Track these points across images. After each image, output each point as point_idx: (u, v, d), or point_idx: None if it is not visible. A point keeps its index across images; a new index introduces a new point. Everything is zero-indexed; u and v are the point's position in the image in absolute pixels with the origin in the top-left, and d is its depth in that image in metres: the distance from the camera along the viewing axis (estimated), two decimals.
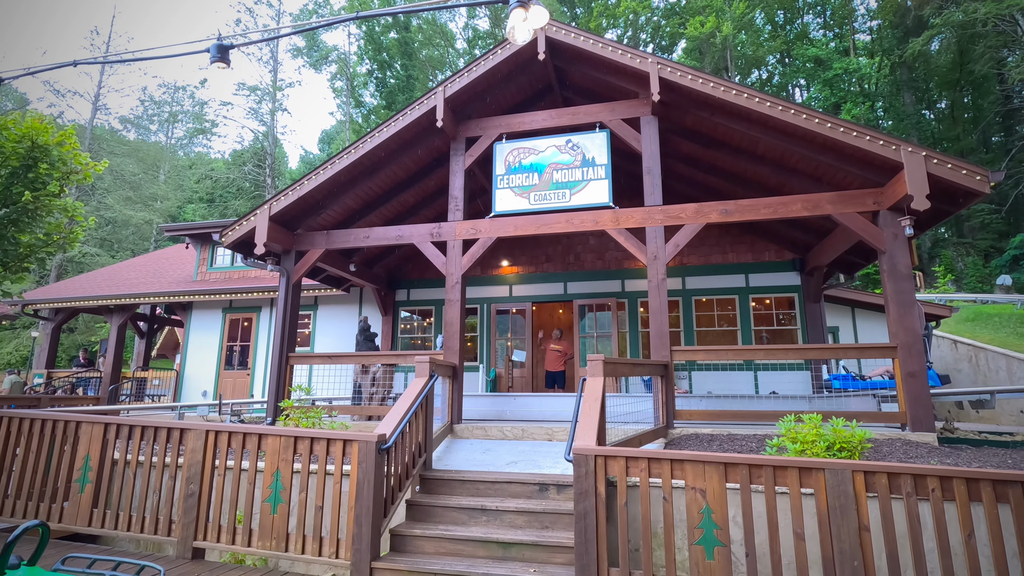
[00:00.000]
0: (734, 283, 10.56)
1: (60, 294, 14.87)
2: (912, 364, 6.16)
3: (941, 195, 6.31)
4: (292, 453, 4.40)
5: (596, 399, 4.50)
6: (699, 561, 3.56)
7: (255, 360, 13.29)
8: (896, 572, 3.30)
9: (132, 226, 35.00)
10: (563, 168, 7.85)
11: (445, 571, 3.96)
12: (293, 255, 8.49)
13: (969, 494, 3.30)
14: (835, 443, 4.80)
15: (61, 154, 6.23)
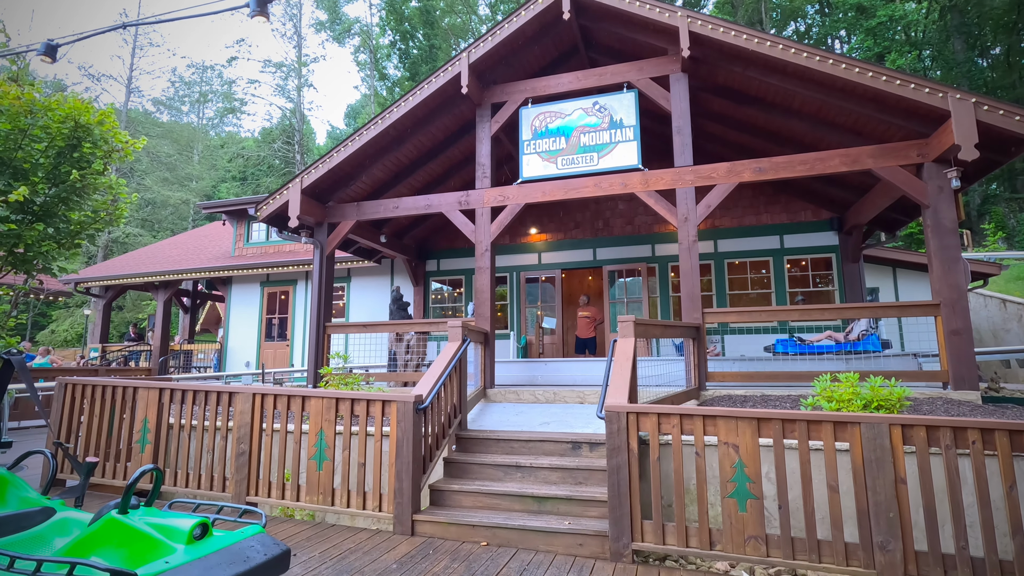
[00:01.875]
0: (768, 245, 10.33)
1: (108, 272, 15.57)
2: (956, 322, 5.97)
3: (991, 144, 6.00)
4: (334, 414, 4.60)
5: (627, 359, 4.54)
6: (732, 514, 3.61)
7: (293, 331, 13.73)
8: (933, 524, 3.30)
9: (170, 206, 36.10)
10: (590, 131, 7.73)
11: (483, 523, 4.12)
12: (325, 227, 8.66)
13: (1012, 446, 3.24)
14: (872, 401, 4.74)
15: (102, 133, 6.45)
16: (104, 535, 1.60)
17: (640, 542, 3.76)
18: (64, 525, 1.88)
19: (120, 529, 1.60)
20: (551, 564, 3.70)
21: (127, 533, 1.59)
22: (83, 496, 2.10)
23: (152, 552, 1.54)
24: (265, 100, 50.40)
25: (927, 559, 3.27)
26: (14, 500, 1.98)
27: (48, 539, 1.81)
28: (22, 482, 2.06)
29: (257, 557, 1.59)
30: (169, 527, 1.62)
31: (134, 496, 1.82)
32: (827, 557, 3.43)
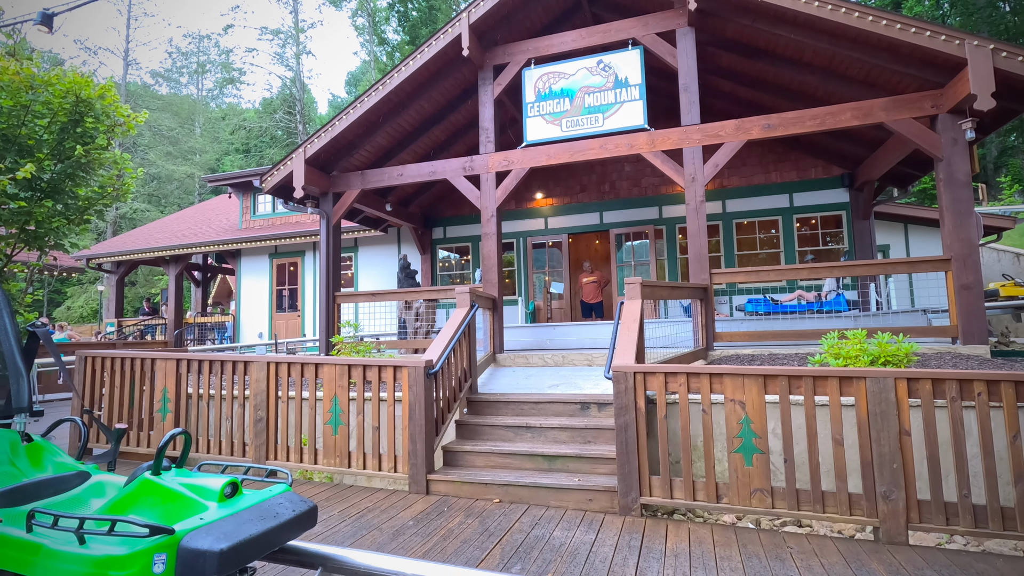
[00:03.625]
0: (777, 203, 10.20)
1: (118, 248, 15.71)
2: (966, 276, 5.93)
3: (1008, 93, 5.82)
4: (347, 380, 4.70)
5: (634, 320, 4.57)
6: (738, 468, 3.70)
7: (304, 302, 13.88)
8: (936, 474, 3.36)
9: (176, 180, 36.07)
10: (595, 91, 7.57)
11: (495, 481, 4.25)
12: (331, 197, 8.65)
13: (1017, 396, 3.27)
14: (880, 357, 4.76)
15: (104, 107, 6.41)
16: (139, 495, 1.66)
17: (648, 497, 3.87)
18: (100, 488, 1.94)
19: (154, 489, 1.66)
20: (562, 519, 3.83)
21: (161, 493, 1.64)
22: (115, 461, 2.16)
23: (186, 510, 1.59)
24: (264, 69, 49.64)
25: (929, 507, 3.34)
26: (50, 465, 2.04)
27: (85, 500, 1.87)
28: (57, 448, 2.12)
29: (286, 513, 1.65)
30: (201, 486, 1.67)
31: (164, 460, 1.89)
32: (831, 507, 3.52)
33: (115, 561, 1.35)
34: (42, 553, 1.43)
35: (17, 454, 2.03)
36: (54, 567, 1.40)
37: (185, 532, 1.42)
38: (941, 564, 3.05)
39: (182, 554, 1.39)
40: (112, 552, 1.36)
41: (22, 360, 2.18)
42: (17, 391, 2.16)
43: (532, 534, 3.53)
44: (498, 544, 3.36)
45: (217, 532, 1.44)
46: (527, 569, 3.00)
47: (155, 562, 1.36)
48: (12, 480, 1.92)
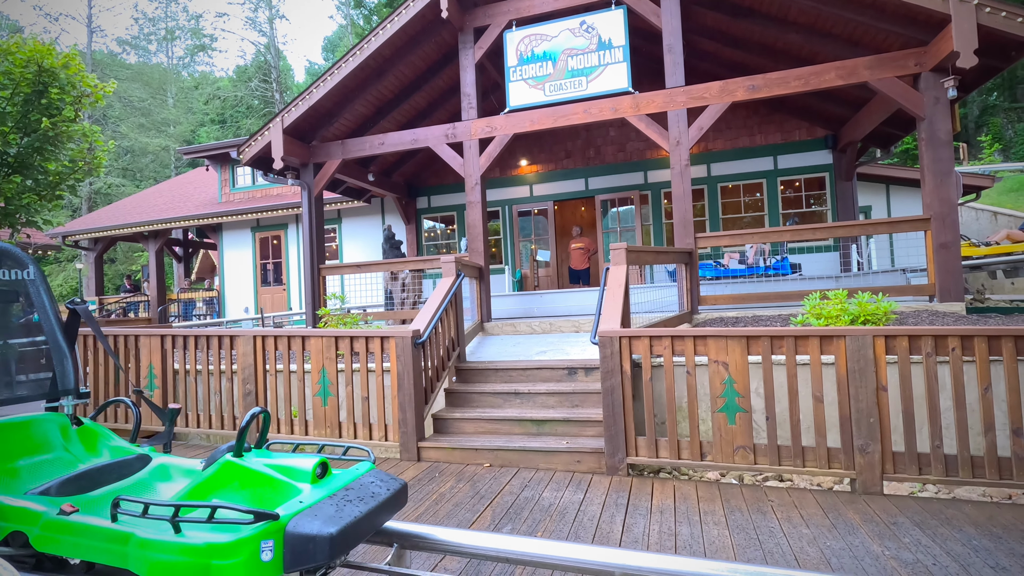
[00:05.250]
0: (762, 166, 10.20)
1: (95, 224, 15.34)
2: (945, 235, 6.02)
3: (991, 50, 5.81)
4: (335, 352, 4.70)
5: (620, 285, 4.60)
6: (721, 426, 3.80)
7: (289, 275, 13.75)
8: (911, 427, 3.48)
9: (150, 154, 35.05)
10: (578, 53, 7.42)
11: (485, 446, 4.33)
12: (311, 168, 8.48)
13: (989, 350, 3.37)
14: (860, 316, 4.86)
15: (69, 77, 6.17)
16: (222, 480, 1.54)
17: (635, 457, 3.97)
18: (164, 471, 1.83)
19: (239, 472, 1.54)
20: (551, 480, 3.92)
21: (248, 476, 1.53)
22: (170, 443, 2.04)
23: (278, 493, 1.47)
24: (236, 35, 47.90)
25: (903, 458, 3.47)
26: (106, 449, 1.94)
27: (151, 485, 1.76)
28: (109, 431, 2.02)
29: (382, 492, 1.54)
30: (290, 467, 1.55)
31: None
32: (811, 462, 3.64)
33: (219, 549, 1.25)
34: (132, 543, 1.33)
35: (70, 439, 1.92)
36: (148, 557, 1.30)
37: (290, 516, 1.32)
38: (913, 511, 3.19)
39: (289, 540, 1.30)
40: (215, 540, 1.27)
41: (64, 340, 2.06)
42: (62, 372, 2.04)
43: (522, 496, 3.62)
44: (489, 506, 3.44)
45: (322, 515, 1.33)
46: (517, 529, 3.08)
47: (262, 549, 1.27)
48: (69, 467, 1.82)
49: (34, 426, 1.89)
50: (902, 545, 2.76)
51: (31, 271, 2.03)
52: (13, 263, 1.98)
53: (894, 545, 2.76)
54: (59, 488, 1.60)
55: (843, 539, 2.85)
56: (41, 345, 2.03)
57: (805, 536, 2.90)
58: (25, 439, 1.84)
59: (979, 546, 2.73)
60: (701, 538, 2.92)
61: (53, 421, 1.93)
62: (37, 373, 2.01)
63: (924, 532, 2.90)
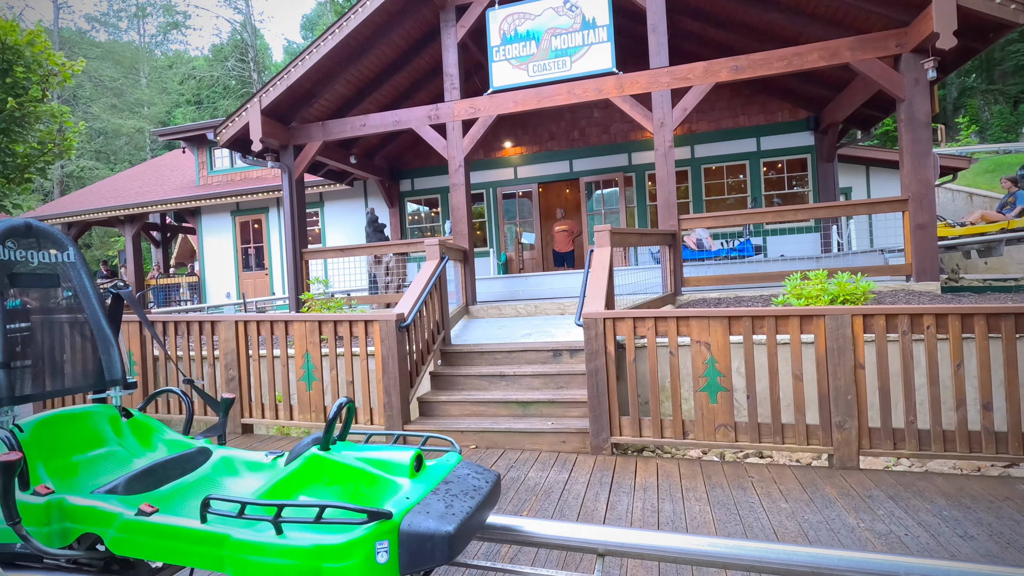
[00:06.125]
0: (745, 148, 10.24)
1: (68, 208, 14.93)
2: (922, 216, 6.12)
3: (970, 31, 5.86)
4: (318, 336, 4.67)
5: (604, 267, 4.62)
6: (703, 405, 3.86)
7: (271, 260, 13.57)
8: (887, 404, 3.57)
9: (124, 135, 34.09)
10: (562, 33, 7.33)
11: (471, 428, 4.35)
12: (291, 150, 8.32)
13: (963, 328, 3.46)
14: (839, 296, 4.95)
15: (35, 55, 5.93)
16: (309, 475, 1.42)
17: (619, 436, 4.02)
18: (229, 465, 1.70)
19: (328, 467, 1.42)
20: (536, 460, 3.97)
21: (338, 471, 1.42)
22: (224, 434, 1.92)
23: (373, 489, 1.37)
24: (211, 12, 46.45)
25: (879, 434, 3.57)
26: (161, 443, 1.82)
27: (218, 481, 1.63)
28: (161, 424, 1.90)
29: (483, 485, 1.43)
30: (385, 461, 1.44)
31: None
32: (790, 438, 3.73)
33: (330, 552, 1.15)
34: (229, 545, 1.22)
35: (121, 432, 1.80)
36: (249, 561, 1.20)
37: (402, 514, 1.22)
38: (887, 484, 3.28)
39: (405, 540, 1.19)
40: (324, 541, 1.16)
41: (109, 326, 1.92)
42: (109, 361, 1.89)
43: (508, 476, 3.65)
44: None
45: (434, 512, 1.24)
46: (503, 509, 3.12)
47: (377, 551, 1.17)
48: (124, 462, 1.70)
49: (86, 419, 1.76)
50: (876, 517, 2.85)
51: (71, 253, 1.88)
52: (52, 245, 1.83)
53: (869, 517, 2.85)
54: (127, 486, 1.48)
55: (820, 513, 2.93)
56: (85, 332, 1.88)
57: (784, 510, 2.98)
58: (79, 433, 1.71)
59: (949, 516, 2.82)
60: (683, 514, 2.98)
61: (103, 414, 1.80)
62: (83, 363, 1.87)
63: (897, 504, 2.99)
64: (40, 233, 1.79)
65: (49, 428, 1.65)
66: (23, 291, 1.70)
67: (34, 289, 1.76)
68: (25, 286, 1.72)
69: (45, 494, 1.38)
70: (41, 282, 1.78)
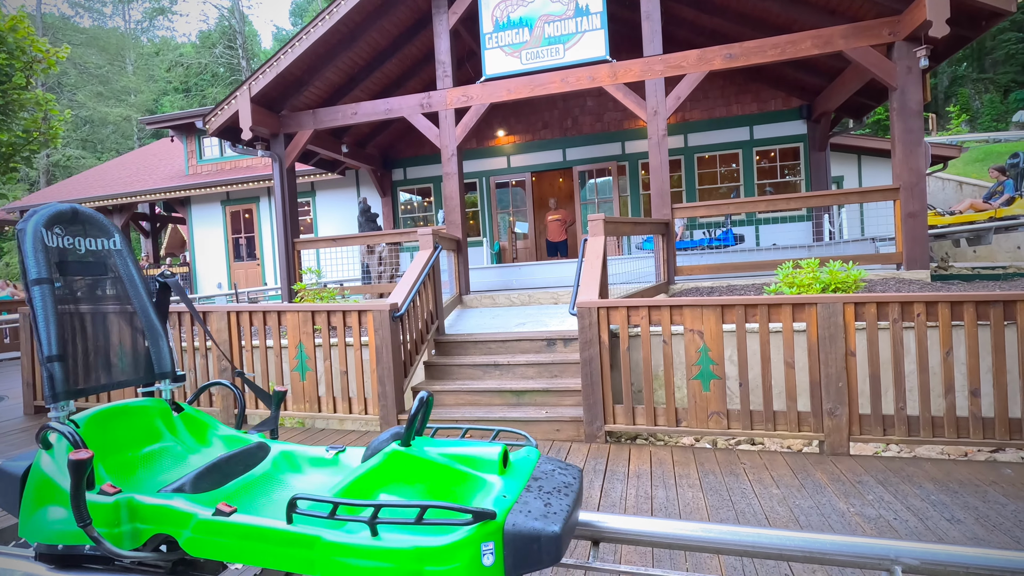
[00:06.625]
0: (738, 136, 10.24)
1: (54, 198, 14.72)
2: (913, 204, 6.16)
3: (962, 19, 5.86)
4: (312, 326, 4.65)
5: (597, 256, 4.62)
6: (696, 393, 3.89)
7: (262, 250, 13.47)
8: (877, 391, 3.61)
9: (111, 124, 33.59)
10: (555, 19, 7.26)
11: (466, 417, 4.36)
12: (282, 138, 8.23)
13: (952, 315, 3.50)
14: (830, 284, 4.98)
15: (17, 41, 5.81)
16: (390, 472, 1.35)
17: (612, 424, 4.05)
18: (291, 461, 1.63)
19: (411, 464, 1.35)
20: None
21: (422, 468, 1.35)
22: (276, 428, 1.85)
23: (462, 486, 1.30)
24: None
25: (869, 420, 3.62)
26: (215, 438, 1.76)
27: (277, 478, 1.56)
28: (213, 418, 1.82)
29: (572, 481, 1.36)
30: (472, 456, 1.38)
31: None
32: (781, 425, 3.77)
33: (433, 554, 1.10)
34: (320, 547, 1.16)
35: (174, 427, 1.72)
36: (344, 564, 1.14)
37: (504, 514, 1.15)
38: (877, 469, 3.33)
39: (510, 541, 1.13)
40: (426, 543, 1.11)
41: (157, 317, 1.83)
42: (158, 353, 1.81)
43: None
44: None
45: (535, 511, 1.18)
46: None
47: (483, 553, 1.11)
48: (180, 459, 1.63)
49: (140, 413, 1.68)
50: (866, 502, 2.89)
51: (116, 240, 1.79)
52: (98, 231, 1.74)
53: (859, 502, 2.89)
54: (194, 483, 1.40)
55: (811, 498, 2.97)
56: (135, 323, 1.79)
57: (775, 496, 3.01)
58: (134, 428, 1.64)
59: (937, 501, 2.87)
60: (676, 500, 3.01)
61: (154, 408, 1.71)
62: (132, 355, 1.78)
63: (887, 489, 3.04)
64: (86, 219, 1.70)
65: (104, 423, 1.57)
66: (71, 280, 1.61)
67: (82, 278, 1.67)
68: (73, 274, 1.63)
69: (113, 493, 1.31)
70: (88, 270, 1.69)
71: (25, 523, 1.40)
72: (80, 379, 1.57)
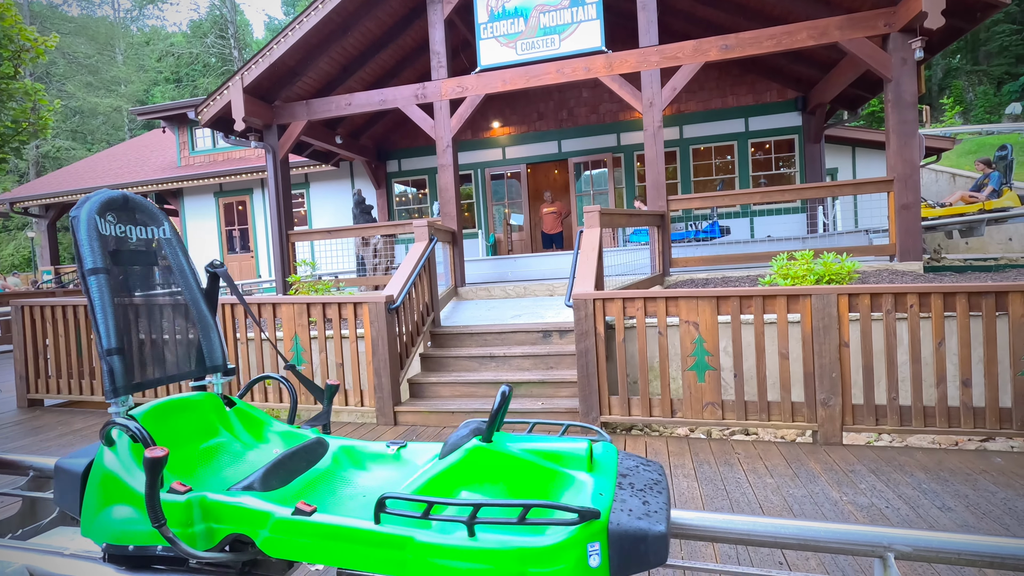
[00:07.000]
0: (733, 128, 10.23)
1: (44, 190, 14.57)
2: (907, 196, 6.19)
3: (958, 10, 5.86)
4: (307, 318, 4.64)
5: (593, 248, 4.62)
6: (691, 384, 3.91)
7: (256, 242, 13.40)
8: (870, 381, 3.64)
9: (101, 115, 33.20)
10: (550, 9, 7.21)
11: (462, 409, 4.37)
12: (275, 129, 8.16)
13: (945, 307, 3.52)
14: (824, 276, 5.00)
15: (4, 29, 5.72)
16: (472, 469, 1.29)
17: (608, 415, 4.07)
18: (352, 457, 1.56)
19: (494, 460, 1.29)
20: None
21: (506, 464, 1.28)
22: (329, 423, 1.80)
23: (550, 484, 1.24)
24: None
25: (862, 410, 3.65)
26: (272, 434, 1.69)
27: (340, 475, 1.49)
28: (265, 413, 1.77)
29: (659, 478, 1.29)
30: (558, 452, 1.32)
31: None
32: (776, 416, 3.80)
33: (537, 555, 1.05)
34: (413, 548, 1.12)
35: (228, 422, 1.67)
36: (440, 566, 1.10)
37: (607, 513, 1.11)
38: (869, 459, 3.37)
39: (616, 541, 1.08)
40: (528, 544, 1.06)
41: (208, 308, 1.77)
42: (209, 346, 1.74)
43: None
44: None
45: (636, 510, 1.14)
46: None
47: (589, 554, 1.06)
48: (238, 455, 1.58)
49: (196, 407, 1.62)
50: (858, 491, 2.92)
51: (166, 228, 1.72)
52: (148, 218, 1.67)
53: (851, 491, 2.92)
54: (263, 481, 1.35)
55: (804, 487, 3.00)
56: (187, 314, 1.73)
57: (769, 485, 3.04)
58: (191, 423, 1.59)
59: (928, 489, 2.91)
60: (671, 490, 3.04)
61: (208, 403, 1.66)
62: (185, 347, 1.72)
63: (879, 478, 3.07)
64: (137, 206, 1.63)
65: (162, 418, 1.52)
66: (124, 269, 1.55)
67: (135, 267, 1.60)
68: (126, 264, 1.56)
69: (184, 492, 1.27)
70: (140, 259, 1.62)
71: (89, 523, 1.36)
72: (137, 373, 1.52)
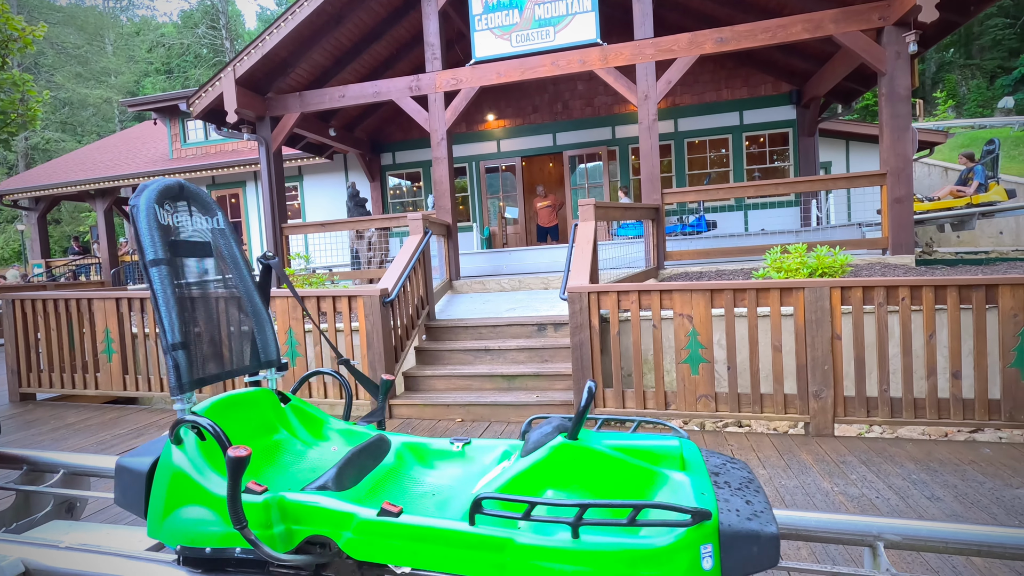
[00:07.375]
0: (728, 122, 10.24)
1: (34, 182, 14.42)
2: (899, 190, 6.22)
3: (951, 4, 5.88)
4: (301, 312, 4.62)
5: (588, 242, 4.62)
6: (685, 377, 3.93)
7: (249, 235, 13.32)
8: (861, 373, 3.68)
9: (91, 106, 32.81)
10: (545, 1, 7.17)
11: (457, 402, 4.38)
12: (268, 121, 8.10)
13: (936, 299, 3.56)
14: (818, 269, 5.04)
15: None
16: (558, 468, 1.24)
17: (603, 408, 4.09)
18: (417, 454, 1.54)
19: (582, 458, 1.24)
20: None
21: (595, 462, 1.23)
22: (384, 419, 1.75)
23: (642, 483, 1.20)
24: None
25: (853, 402, 3.69)
26: (331, 431, 1.66)
27: (407, 474, 1.47)
28: (320, 409, 1.73)
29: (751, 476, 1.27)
30: (648, 450, 1.28)
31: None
32: (768, 408, 3.83)
33: (648, 557, 1.01)
34: (512, 550, 1.07)
35: (286, 419, 1.62)
36: (543, 569, 1.05)
37: (716, 513, 1.07)
38: (860, 450, 3.41)
39: (727, 542, 1.04)
40: (636, 545, 1.02)
41: (262, 301, 1.71)
42: (264, 340, 1.68)
43: None
44: None
45: (743, 511, 1.10)
46: None
47: (702, 556, 1.03)
48: (299, 453, 1.53)
49: (255, 404, 1.57)
50: (849, 481, 2.96)
51: (220, 219, 1.66)
52: (203, 208, 1.60)
53: (842, 482, 2.96)
54: (336, 480, 1.31)
55: (796, 478, 3.03)
56: (242, 308, 1.67)
57: (762, 476, 3.07)
58: (251, 420, 1.54)
59: (917, 479, 2.95)
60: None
61: (265, 399, 1.60)
62: (240, 341, 1.66)
63: (869, 469, 3.11)
64: (192, 195, 1.57)
65: (223, 415, 1.47)
66: (182, 261, 1.50)
67: (192, 259, 1.54)
68: (184, 255, 1.51)
69: (260, 492, 1.22)
70: (196, 251, 1.56)
71: (157, 524, 1.31)
72: (199, 369, 1.47)
